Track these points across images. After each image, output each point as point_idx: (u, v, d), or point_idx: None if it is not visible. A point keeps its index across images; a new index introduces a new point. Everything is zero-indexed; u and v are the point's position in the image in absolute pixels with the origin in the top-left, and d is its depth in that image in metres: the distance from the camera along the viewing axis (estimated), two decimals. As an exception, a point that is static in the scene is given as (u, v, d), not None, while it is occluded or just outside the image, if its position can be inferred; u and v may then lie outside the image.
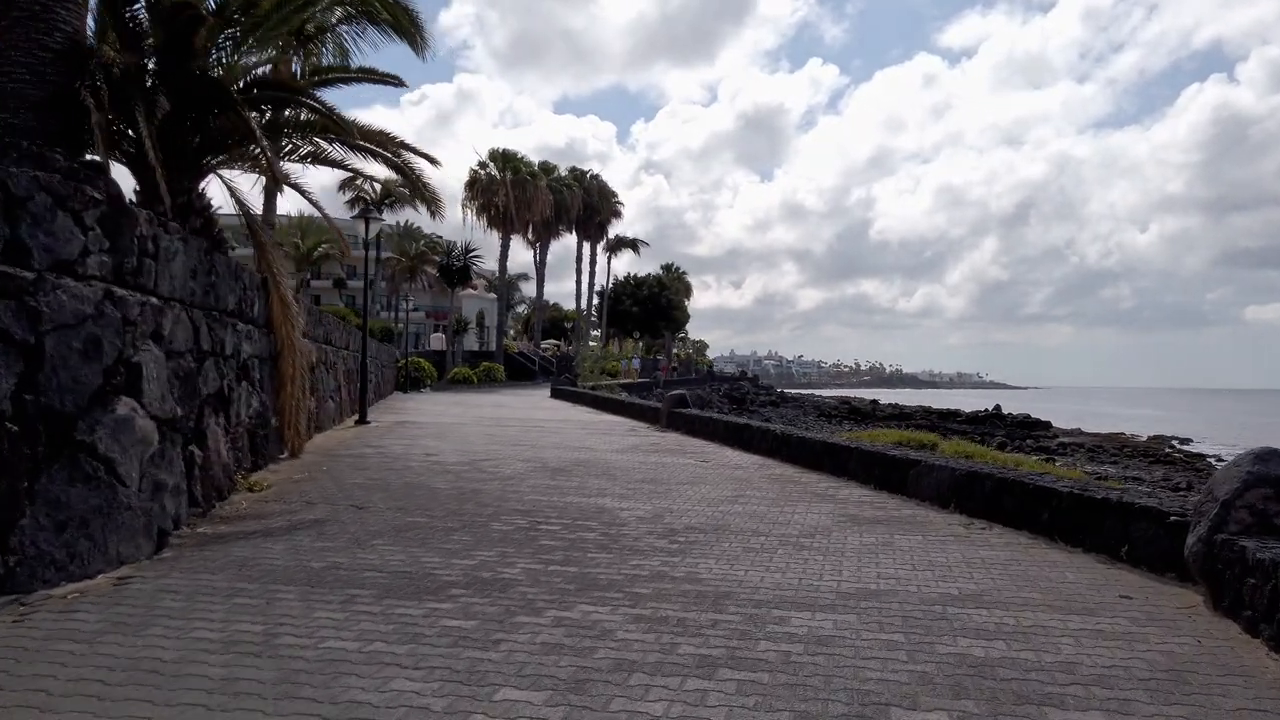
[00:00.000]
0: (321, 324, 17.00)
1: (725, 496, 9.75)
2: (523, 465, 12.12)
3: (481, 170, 56.85)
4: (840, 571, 6.34)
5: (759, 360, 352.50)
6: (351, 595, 5.46)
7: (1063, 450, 49.40)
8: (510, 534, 7.46)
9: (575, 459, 13.07)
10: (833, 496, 9.85)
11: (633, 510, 8.77)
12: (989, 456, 13.39)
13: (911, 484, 9.63)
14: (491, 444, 15.08)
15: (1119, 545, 6.66)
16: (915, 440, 13.86)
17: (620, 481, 10.78)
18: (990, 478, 8.35)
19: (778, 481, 11.07)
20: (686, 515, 8.54)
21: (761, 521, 8.27)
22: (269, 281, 11.44)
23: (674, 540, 7.36)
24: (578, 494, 9.71)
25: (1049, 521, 7.46)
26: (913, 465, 9.68)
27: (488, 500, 9.13)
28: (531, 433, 17.85)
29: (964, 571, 6.39)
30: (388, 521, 7.90)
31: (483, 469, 11.60)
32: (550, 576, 6.04)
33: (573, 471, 11.61)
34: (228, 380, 9.15)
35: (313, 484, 9.96)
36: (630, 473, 11.62)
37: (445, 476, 10.78)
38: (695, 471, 11.92)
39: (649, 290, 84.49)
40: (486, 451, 13.81)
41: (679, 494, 9.87)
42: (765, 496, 9.80)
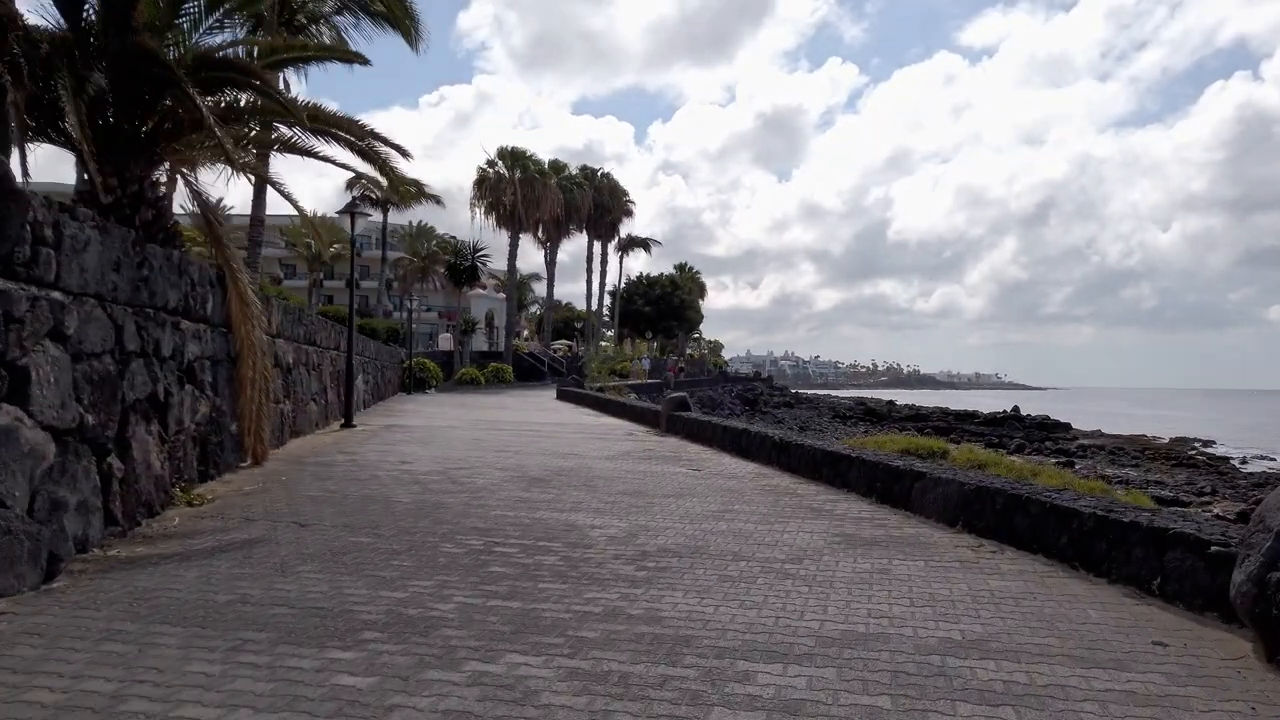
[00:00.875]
0: (302, 323, 16.25)
1: (711, 511, 8.89)
2: (500, 475, 11.30)
3: (490, 169, 56.14)
4: (825, 608, 5.48)
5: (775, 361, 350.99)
6: (243, 640, 4.64)
7: (1083, 453, 48.33)
8: (459, 558, 6.63)
9: (559, 467, 12.24)
10: (829, 512, 8.98)
11: (605, 528, 7.92)
12: (1003, 465, 12.50)
13: (916, 498, 8.74)
14: (475, 450, 14.27)
15: (1150, 577, 5.76)
16: (924, 448, 12.96)
17: (600, 493, 9.94)
18: (1001, 494, 7.46)
19: (771, 494, 10.20)
20: (663, 534, 7.69)
21: (745, 542, 7.41)
22: (226, 277, 10.66)
23: (642, 566, 6.50)
24: (550, 508, 8.87)
25: (1068, 546, 6.56)
26: (917, 478, 8.79)
27: (447, 516, 8.31)
28: (523, 437, 17.04)
29: (969, 608, 5.51)
30: (327, 542, 7.09)
31: (455, 479, 10.78)
32: (487, 615, 5.20)
33: (551, 482, 10.77)
34: (165, 384, 8.36)
35: (263, 496, 9.16)
36: (614, 483, 10.77)
37: (411, 488, 9.96)
38: (684, 482, 11.06)
39: (661, 290, 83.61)
40: (466, 459, 13.00)
41: (660, 509, 9.02)
42: (755, 512, 8.93)
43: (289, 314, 14.94)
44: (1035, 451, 49.28)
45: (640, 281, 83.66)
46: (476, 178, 55.85)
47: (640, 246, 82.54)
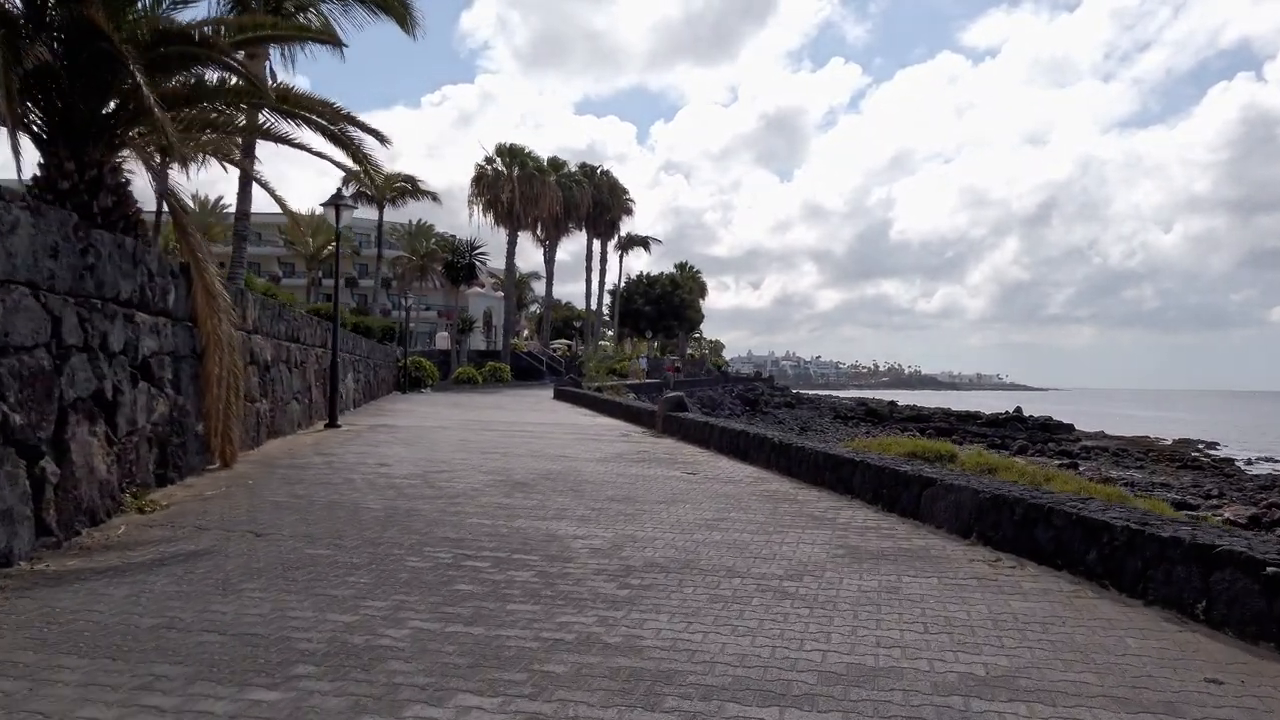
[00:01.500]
0: (283, 319, 15.61)
1: (704, 520, 8.25)
2: (482, 479, 10.66)
3: (488, 166, 55.49)
4: (828, 634, 4.84)
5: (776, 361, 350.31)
6: (154, 677, 4.01)
7: (1086, 454, 47.71)
8: (422, 574, 5.99)
9: (547, 470, 11.60)
10: (832, 521, 8.34)
11: (589, 539, 7.29)
12: (1014, 470, 11.88)
13: (925, 506, 8.10)
14: (460, 452, 13.63)
15: (1193, 600, 5.12)
16: (930, 451, 12.33)
17: (588, 499, 9.30)
18: (1020, 503, 6.82)
19: (770, 500, 9.56)
20: (651, 546, 7.05)
21: (741, 555, 6.77)
22: (191, 269, 10.03)
23: (625, 584, 5.87)
24: (531, 516, 8.23)
25: (1097, 562, 5.92)
26: (926, 484, 8.15)
27: (418, 525, 7.67)
28: (513, 438, 16.40)
29: (991, 635, 4.88)
30: (281, 555, 6.46)
31: (434, 483, 10.14)
32: (443, 643, 4.57)
33: (537, 486, 10.14)
34: (113, 381, 7.73)
35: (223, 502, 8.53)
36: (603, 488, 10.14)
37: (385, 494, 9.33)
38: (678, 487, 10.42)
39: (662, 289, 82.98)
40: (450, 461, 12.36)
41: (651, 517, 8.38)
42: (752, 520, 8.30)
43: (267, 309, 14.31)
44: (1038, 453, 48.66)
45: (640, 281, 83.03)
46: (474, 175, 55.23)
47: (640, 245, 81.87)
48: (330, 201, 17.25)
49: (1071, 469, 40.32)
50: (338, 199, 17.26)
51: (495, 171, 54.97)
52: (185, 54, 9.18)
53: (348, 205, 17.32)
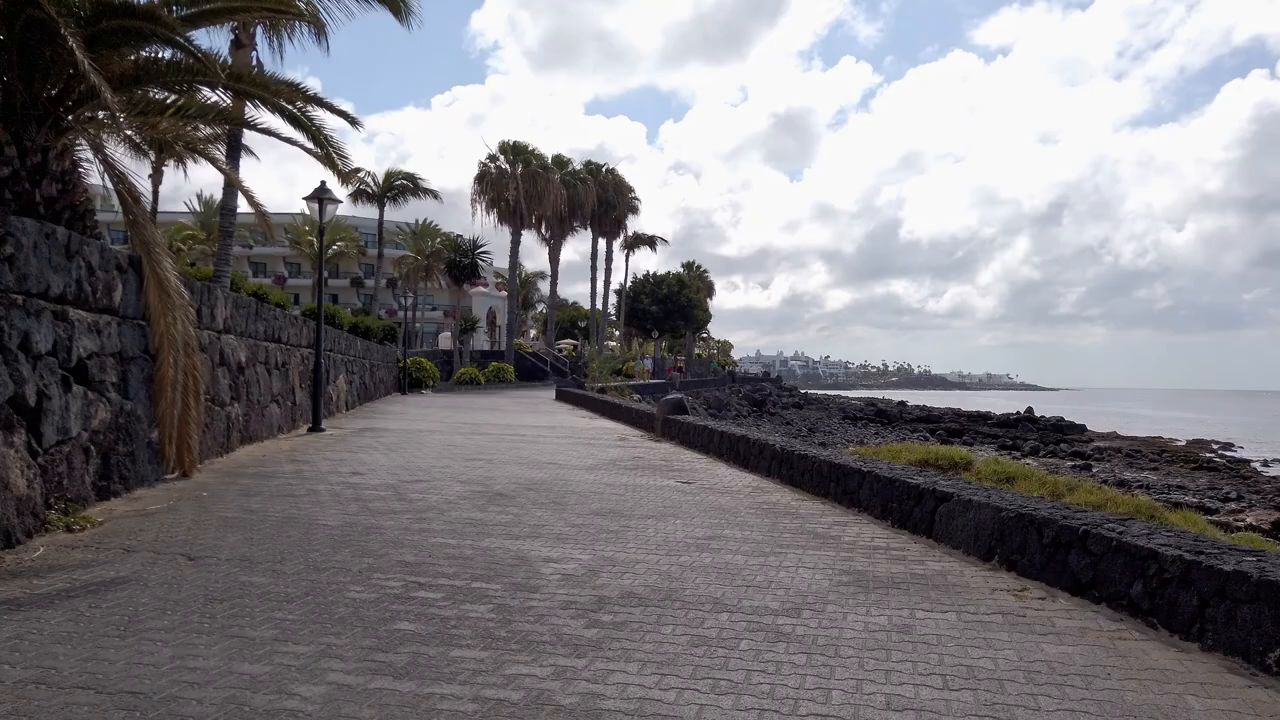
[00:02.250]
0: (262, 317, 14.85)
1: (695, 539, 7.45)
2: (459, 489, 9.88)
3: (491, 164, 54.69)
4: (828, 691, 4.04)
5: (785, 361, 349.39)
6: (-13, 757, 3.24)
7: (1099, 455, 46.80)
8: (363, 609, 5.21)
9: (531, 479, 10.82)
10: (836, 539, 7.53)
11: (562, 563, 6.50)
12: (1034, 479, 11.07)
13: (940, 524, 7.29)
14: (444, 459, 12.85)
15: (1265, 647, 4.31)
16: (944, 458, 11.52)
17: (569, 513, 8.51)
18: (1051, 524, 5.99)
19: (770, 514, 8.75)
20: (632, 572, 6.26)
21: (731, 583, 5.97)
22: (144, 263, 9.27)
23: (595, 621, 5.08)
24: (503, 534, 7.44)
25: (1143, 596, 5.11)
26: (942, 499, 7.33)
27: (374, 546, 6.89)
28: (503, 443, 15.63)
29: (1024, 692, 4.07)
30: (208, 584, 5.68)
31: (406, 495, 9.36)
32: (361, 705, 3.78)
33: (516, 498, 9.35)
34: (38, 385, 6.96)
35: (165, 519, 7.76)
36: (588, 500, 9.35)
37: (348, 508, 8.55)
38: (670, 499, 9.62)
39: (668, 289, 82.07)
40: (430, 469, 11.59)
41: (635, 535, 7.59)
42: (748, 539, 7.49)
43: (242, 307, 13.55)
44: (1050, 454, 47.83)
45: (647, 280, 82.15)
46: (478, 173, 54.43)
47: (647, 244, 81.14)
48: (313, 195, 16.50)
49: (1085, 471, 39.51)
50: (321, 192, 16.50)
51: (499, 169, 54.20)
52: (129, 29, 8.40)
53: (332, 199, 16.56)
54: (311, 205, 16.50)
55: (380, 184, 48.73)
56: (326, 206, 16.64)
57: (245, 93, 9.82)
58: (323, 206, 16.41)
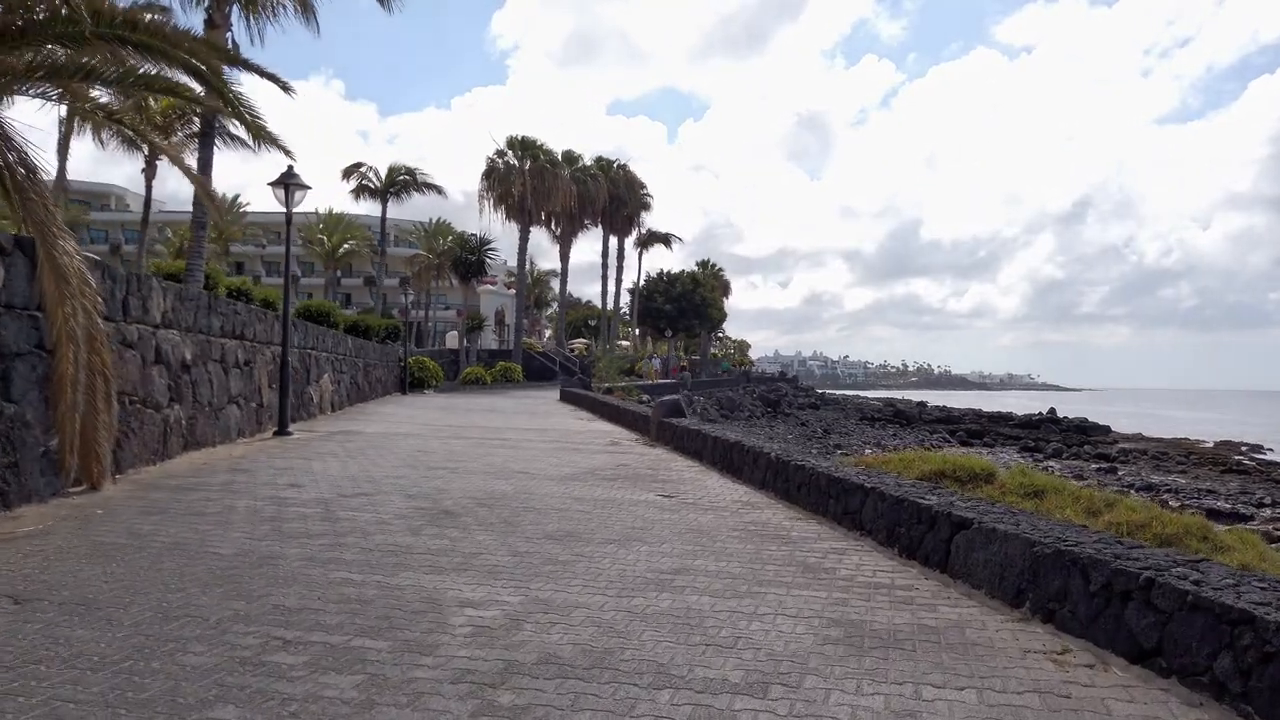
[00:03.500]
0: (217, 312, 13.65)
1: (658, 573, 6.13)
2: (402, 506, 8.59)
3: (499, 159, 53.49)
4: (787, 842, 2.72)
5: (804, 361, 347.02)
6: None
7: (1124, 458, 45.11)
8: (188, 680, 3.92)
9: (491, 493, 9.53)
10: (830, 573, 6.19)
11: (483, 607, 5.19)
12: (1067, 493, 9.67)
13: (958, 557, 5.94)
14: (404, 467, 11.58)
15: None
16: (962, 468, 10.12)
17: (518, 537, 7.21)
18: (1100, 567, 4.63)
19: (755, 537, 7.41)
20: (566, 622, 4.95)
21: (688, 640, 4.65)
22: (37, 246, 8.04)
23: (490, 704, 3.76)
24: (425, 567, 6.15)
25: (1234, 673, 3.75)
26: (960, 526, 5.98)
27: (258, 584, 5.60)
28: (480, 448, 14.35)
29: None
30: (14, 638, 4.42)
31: (334, 514, 8.08)
32: None
33: (464, 517, 8.05)
34: None
35: (29, 543, 6.50)
36: (546, 519, 8.04)
37: (257, 530, 7.27)
38: (644, 517, 8.29)
39: (682, 287, 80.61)
40: (381, 480, 10.31)
41: (588, 567, 6.27)
42: (722, 573, 6.16)
43: (188, 300, 12.34)
44: (1074, 456, 46.17)
45: (661, 279, 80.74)
46: (485, 168, 53.27)
47: (661, 242, 79.87)
48: (280, 180, 15.28)
49: (1110, 473, 37.88)
50: (288, 177, 15.27)
51: (506, 165, 52.99)
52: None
53: (300, 185, 15.32)
54: (278, 191, 15.26)
55: (383, 179, 47.59)
56: (295, 193, 15.41)
57: (124, 39, 8.46)
58: (289, 192, 15.17)
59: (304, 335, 20.15)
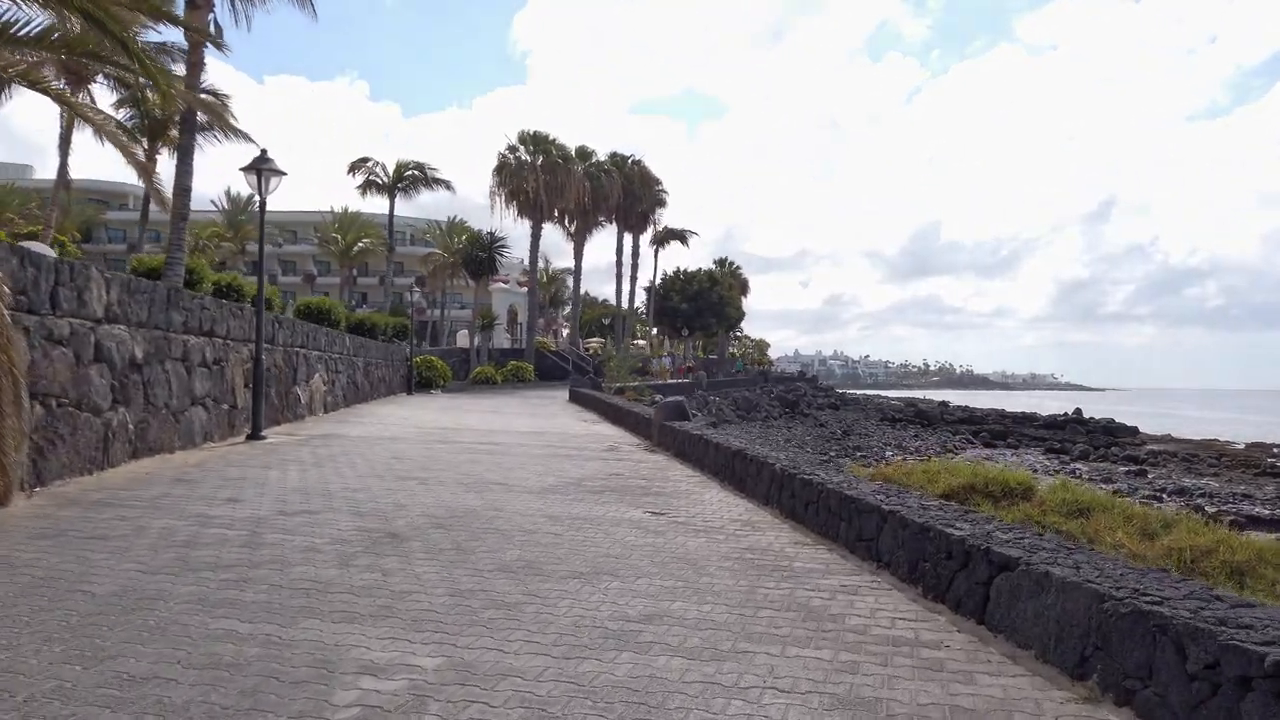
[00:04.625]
0: (179, 307, 12.57)
1: (624, 620, 4.94)
2: (345, 528, 7.43)
3: (511, 155, 52.42)
4: None
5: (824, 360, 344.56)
6: None
7: (1153, 460, 43.52)
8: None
9: (456, 509, 8.36)
10: (837, 622, 4.98)
11: (386, 675, 4.02)
12: (1117, 510, 8.46)
13: (999, 606, 4.71)
14: (370, 477, 10.44)
15: None
16: (995, 482, 8.87)
17: (466, 570, 6.03)
18: (1201, 639, 3.39)
19: (751, 569, 6.21)
20: (486, 700, 3.76)
21: (641, 733, 3.46)
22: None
23: None
24: (337, 614, 4.98)
25: None
26: (1002, 568, 4.75)
27: (115, 637, 4.45)
28: (464, 455, 13.21)
29: None
30: None
31: (261, 538, 6.93)
32: None
33: (411, 541, 6.89)
34: None
35: None
36: (508, 545, 6.86)
37: (159, 558, 6.13)
38: (623, 542, 7.10)
39: (699, 286, 79.33)
40: (336, 494, 9.15)
41: (538, 613, 5.09)
42: (704, 620, 4.96)
43: (138, 293, 11.26)
44: (1101, 458, 44.54)
45: (677, 277, 79.48)
46: (497, 164, 52.19)
47: (677, 239, 78.50)
48: (252, 165, 14.19)
49: (1140, 476, 36.33)
50: (260, 162, 14.19)
51: (518, 160, 51.93)
52: None
53: (273, 171, 14.22)
54: (250, 177, 14.18)
55: (391, 175, 46.61)
56: (270, 178, 14.31)
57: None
58: (262, 178, 14.08)
59: (291, 333, 19.08)
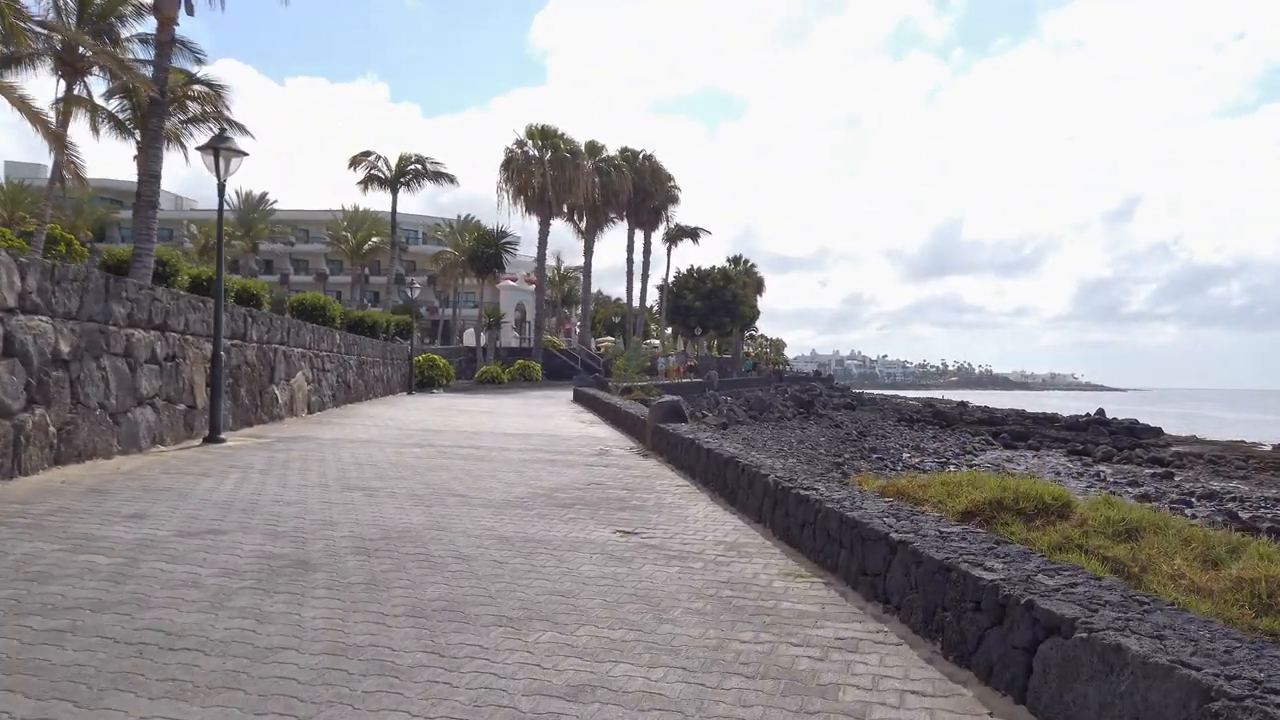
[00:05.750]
0: (123, 298, 11.44)
1: (542, 695, 3.70)
2: (249, 552, 6.22)
3: (518, 149, 51.23)
4: None
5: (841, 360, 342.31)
6: None
7: (1179, 461, 41.96)
8: None
9: (392, 529, 7.14)
10: (829, 696, 3.71)
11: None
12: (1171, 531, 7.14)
13: (1047, 686, 3.44)
14: (316, 487, 9.24)
15: None
16: (1026, 496, 7.56)
17: (368, 613, 4.81)
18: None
19: (726, 612, 4.95)
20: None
21: None
22: None
23: None
24: (154, 686, 3.75)
25: None
26: (1051, 630, 3.48)
27: None
28: (438, 459, 12.01)
29: None
30: None
31: (138, 567, 5.71)
32: None
33: (317, 572, 5.67)
34: None
35: None
36: (435, 576, 5.63)
37: (-12, 596, 4.96)
38: (578, 572, 5.86)
39: (713, 284, 77.98)
40: (261, 510, 7.94)
41: (433, 680, 3.85)
42: (649, 696, 3.71)
43: (65, 281, 10.11)
44: (1125, 460, 43.01)
45: (690, 275, 78.13)
46: (504, 159, 51.02)
47: (689, 237, 77.11)
48: (209, 145, 13.05)
49: (1167, 479, 34.79)
50: (218, 141, 13.04)
51: (526, 155, 50.74)
52: None
53: (233, 151, 13.06)
54: (207, 158, 13.02)
55: (393, 169, 45.52)
56: (230, 160, 13.15)
57: None
58: (219, 158, 12.91)
59: (268, 328, 17.95)
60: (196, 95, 33.36)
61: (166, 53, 16.64)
